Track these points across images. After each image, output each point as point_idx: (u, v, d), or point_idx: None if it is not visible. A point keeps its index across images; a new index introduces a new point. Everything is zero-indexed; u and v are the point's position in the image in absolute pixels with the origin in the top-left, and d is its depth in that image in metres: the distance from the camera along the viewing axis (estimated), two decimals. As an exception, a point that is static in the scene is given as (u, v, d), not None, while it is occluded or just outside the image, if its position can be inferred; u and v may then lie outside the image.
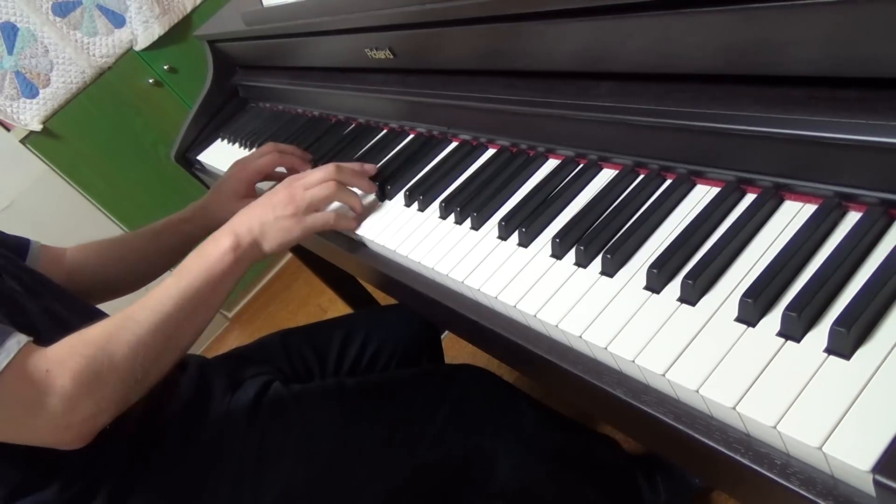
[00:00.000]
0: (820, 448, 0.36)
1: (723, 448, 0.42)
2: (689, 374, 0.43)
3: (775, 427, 0.38)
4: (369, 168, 0.83)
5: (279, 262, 2.65)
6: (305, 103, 1.19)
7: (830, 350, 0.40)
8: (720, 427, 0.43)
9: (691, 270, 0.49)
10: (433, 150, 0.84)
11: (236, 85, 1.40)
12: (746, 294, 0.44)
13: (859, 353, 0.39)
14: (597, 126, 0.63)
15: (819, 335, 0.41)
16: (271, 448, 0.75)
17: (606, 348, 0.48)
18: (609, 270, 0.54)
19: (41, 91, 2.06)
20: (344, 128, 1.04)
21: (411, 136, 0.90)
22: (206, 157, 1.34)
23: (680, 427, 0.44)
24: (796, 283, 0.45)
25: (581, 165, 0.67)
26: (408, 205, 0.78)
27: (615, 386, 0.49)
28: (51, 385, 0.57)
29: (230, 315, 2.60)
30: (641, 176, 0.61)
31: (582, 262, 0.56)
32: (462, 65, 0.79)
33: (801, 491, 0.38)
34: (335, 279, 1.56)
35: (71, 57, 2.07)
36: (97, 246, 0.94)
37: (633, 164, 0.62)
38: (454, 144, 0.82)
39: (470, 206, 0.70)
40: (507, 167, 0.72)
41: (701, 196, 0.56)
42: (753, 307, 0.44)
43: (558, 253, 0.59)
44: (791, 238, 0.47)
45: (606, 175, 0.64)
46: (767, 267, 0.46)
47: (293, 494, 0.74)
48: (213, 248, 0.70)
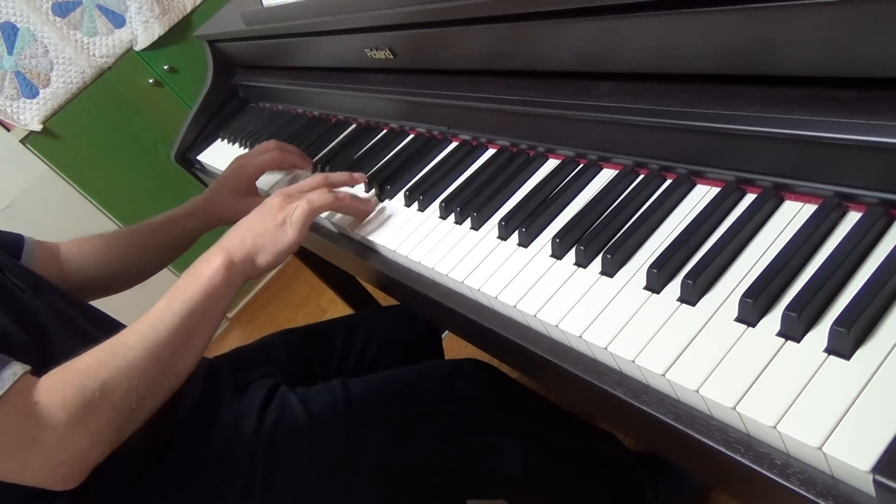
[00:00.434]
0: (820, 448, 0.36)
1: (723, 448, 0.42)
2: (689, 374, 0.43)
3: (775, 427, 0.38)
4: (359, 177, 0.83)
5: (279, 262, 2.64)
6: (305, 103, 1.19)
7: (830, 350, 0.40)
8: (720, 427, 0.43)
9: (691, 270, 0.49)
10: (433, 150, 0.84)
11: (236, 85, 1.40)
12: (746, 294, 0.44)
13: (859, 353, 0.39)
14: (597, 126, 0.63)
15: (819, 335, 0.41)
16: (280, 453, 0.74)
17: (606, 348, 0.48)
18: (609, 270, 0.54)
19: (41, 91, 2.06)
20: (344, 128, 1.04)
21: (411, 136, 0.90)
22: (206, 157, 1.34)
23: (680, 427, 0.44)
24: (796, 283, 0.45)
25: (581, 165, 0.67)
26: (408, 205, 0.78)
27: (615, 386, 0.49)
28: (42, 418, 0.54)
29: (230, 315, 2.61)
30: (641, 176, 0.61)
31: (582, 262, 0.56)
32: (462, 65, 0.79)
33: (801, 491, 0.38)
34: (335, 279, 1.56)
35: (71, 57, 2.07)
36: (94, 241, 0.93)
37: (633, 164, 0.62)
38: (454, 144, 0.82)
39: (470, 206, 0.70)
40: (507, 167, 0.72)
41: (701, 196, 0.56)
42: (753, 307, 0.44)
43: (558, 253, 0.59)
44: (791, 238, 0.47)
45: (606, 175, 0.64)
46: (767, 267, 0.46)
47: (303, 498, 0.74)
48: (205, 268, 0.68)
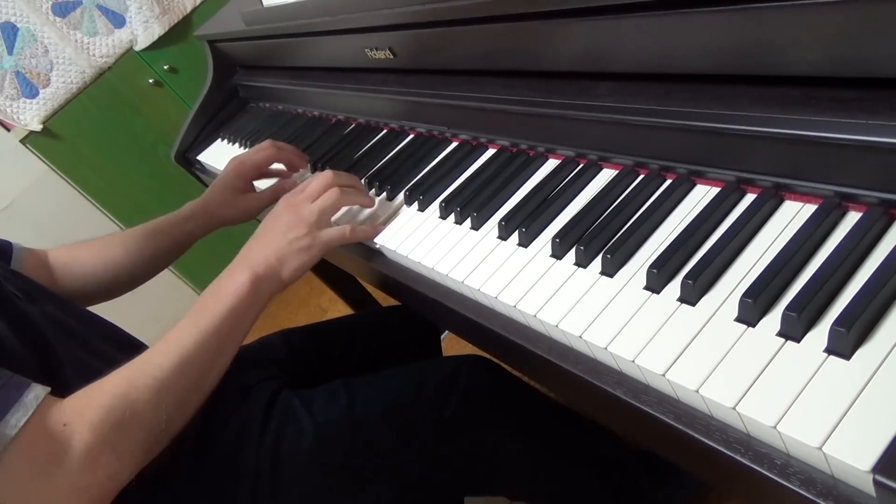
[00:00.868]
0: (820, 448, 0.36)
1: (723, 448, 0.42)
2: (689, 374, 0.43)
3: (775, 427, 0.38)
4: (367, 200, 0.81)
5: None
6: (305, 103, 1.19)
7: (830, 350, 0.40)
8: (720, 427, 0.43)
9: (691, 270, 0.49)
10: (433, 150, 0.84)
11: (236, 85, 1.40)
12: (746, 294, 0.44)
13: (859, 353, 0.39)
14: (597, 126, 0.63)
15: (819, 335, 0.41)
16: (285, 458, 0.74)
17: (606, 348, 0.48)
18: (609, 270, 0.54)
19: (41, 91, 2.06)
20: (344, 128, 1.04)
21: (411, 136, 0.90)
22: (206, 157, 1.34)
23: (680, 427, 0.44)
24: (796, 283, 0.45)
25: (581, 165, 0.67)
26: (408, 205, 0.78)
27: (615, 386, 0.49)
28: (69, 440, 0.52)
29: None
30: (641, 176, 0.61)
31: (582, 262, 0.56)
32: (462, 65, 0.79)
33: (801, 491, 0.38)
34: (335, 279, 1.56)
35: (71, 57, 2.07)
36: (88, 248, 0.91)
37: (633, 164, 0.62)
38: (454, 144, 0.82)
39: (470, 206, 0.70)
40: (507, 167, 0.72)
41: (701, 196, 0.56)
42: (753, 307, 0.44)
43: (558, 253, 0.59)
44: (791, 238, 0.47)
45: (606, 175, 0.64)
46: (767, 267, 0.46)
47: (308, 501, 0.74)
48: (229, 285, 0.67)
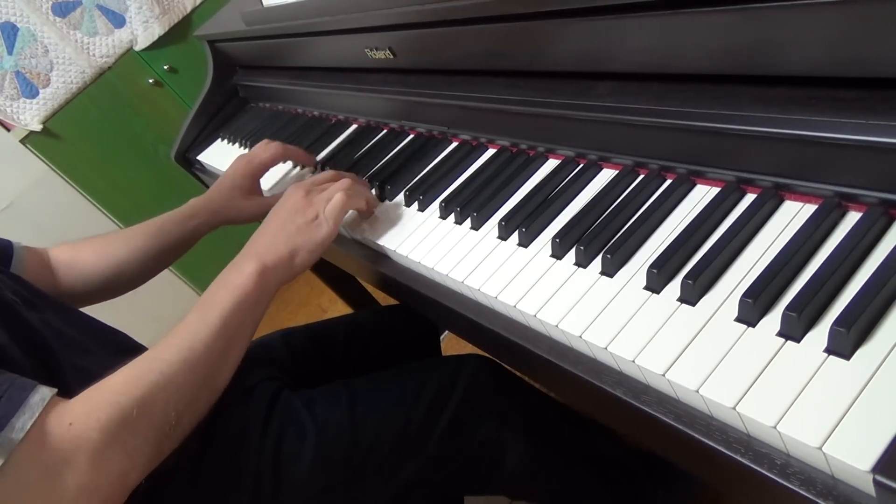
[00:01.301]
0: (820, 448, 0.36)
1: (723, 448, 0.42)
2: (689, 375, 0.43)
3: (775, 427, 0.38)
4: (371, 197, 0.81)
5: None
6: (305, 103, 1.19)
7: (830, 350, 0.40)
8: (720, 427, 0.43)
9: (691, 270, 0.49)
10: (433, 150, 0.84)
11: (236, 85, 1.40)
12: (746, 294, 0.44)
13: (859, 353, 0.39)
14: (597, 126, 0.63)
15: (819, 335, 0.41)
16: (287, 458, 0.74)
17: (606, 348, 0.48)
18: (609, 270, 0.54)
19: (41, 91, 2.06)
20: (344, 128, 1.04)
21: (411, 136, 0.90)
22: (206, 157, 1.34)
23: (680, 427, 0.44)
24: (796, 283, 0.45)
25: (581, 165, 0.67)
26: (408, 205, 0.78)
27: (615, 386, 0.49)
28: (76, 441, 0.51)
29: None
30: (641, 176, 0.61)
31: (582, 262, 0.56)
32: (462, 65, 0.79)
33: (801, 491, 0.38)
34: (335, 279, 1.56)
35: (71, 57, 2.07)
36: (90, 247, 0.90)
37: (633, 164, 0.62)
38: (454, 144, 0.82)
39: (470, 206, 0.70)
40: (507, 167, 0.72)
41: (701, 196, 0.56)
42: (753, 307, 0.44)
43: (558, 253, 0.59)
44: (791, 238, 0.47)
45: (606, 175, 0.64)
46: (767, 267, 0.46)
47: (310, 502, 0.74)
48: (237, 276, 0.65)
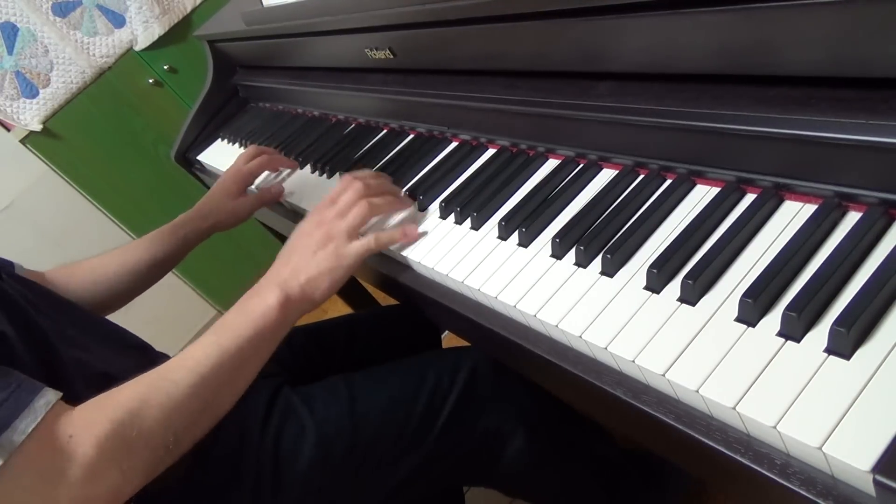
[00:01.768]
0: (820, 448, 0.36)
1: (723, 448, 0.42)
2: (689, 375, 0.43)
3: (775, 427, 0.38)
4: (406, 200, 0.78)
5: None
6: (305, 103, 1.19)
7: (830, 350, 0.40)
8: (720, 427, 0.43)
9: (691, 270, 0.49)
10: (433, 150, 0.84)
11: (236, 85, 1.40)
12: (746, 294, 0.44)
13: (859, 353, 0.39)
14: (597, 126, 0.63)
15: (819, 335, 0.41)
16: (287, 455, 0.74)
17: (606, 348, 0.48)
18: (609, 270, 0.54)
19: (41, 91, 2.05)
20: (344, 128, 1.04)
21: (411, 136, 0.90)
22: (206, 157, 1.34)
23: (680, 427, 0.44)
24: (796, 283, 0.45)
25: (581, 165, 0.67)
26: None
27: (615, 386, 0.49)
28: (73, 453, 0.51)
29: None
30: (641, 176, 0.61)
31: (582, 262, 0.56)
32: (462, 65, 0.79)
33: (801, 491, 0.38)
34: (335, 279, 1.56)
35: (71, 57, 2.07)
36: (85, 266, 0.92)
37: (633, 164, 0.62)
38: (454, 144, 0.82)
39: (470, 206, 0.70)
40: (507, 167, 0.72)
41: (701, 196, 0.56)
42: (753, 307, 0.44)
43: (558, 253, 0.59)
44: (791, 238, 0.47)
45: (606, 175, 0.64)
46: (767, 267, 0.46)
47: (311, 499, 0.74)
48: (258, 304, 0.64)
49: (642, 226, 0.55)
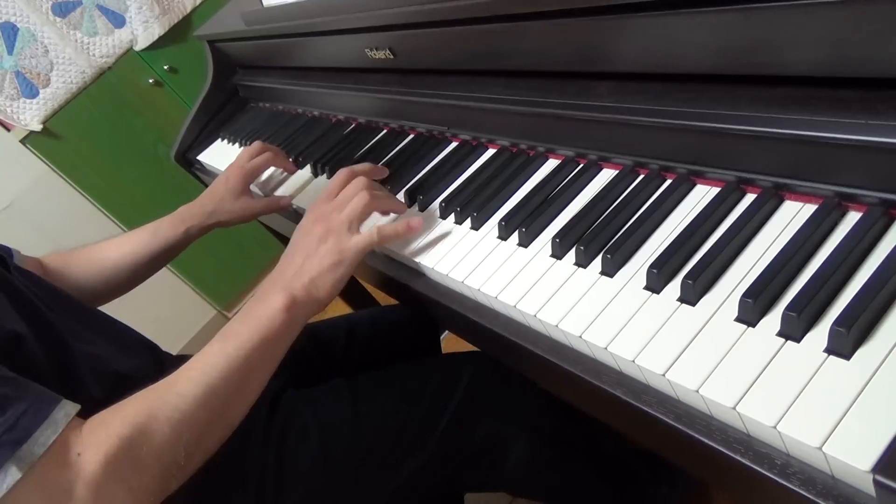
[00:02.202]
0: (820, 448, 0.36)
1: (723, 448, 0.42)
2: (690, 374, 0.43)
3: (775, 427, 0.38)
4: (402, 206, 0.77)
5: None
6: (305, 103, 1.19)
7: (830, 350, 0.40)
8: (720, 427, 0.43)
9: (691, 270, 0.49)
10: (433, 150, 0.84)
11: (236, 85, 1.40)
12: (746, 294, 0.44)
13: (859, 353, 0.39)
14: (597, 126, 0.63)
15: (819, 335, 0.41)
16: (290, 456, 0.74)
17: (606, 348, 0.48)
18: (609, 270, 0.54)
19: (41, 91, 2.05)
20: (344, 128, 1.04)
21: (411, 136, 0.90)
22: (206, 157, 1.34)
23: (680, 427, 0.44)
24: (796, 283, 0.45)
25: (581, 165, 0.67)
26: (408, 205, 0.78)
27: (615, 386, 0.49)
28: (80, 472, 0.50)
29: (230, 315, 2.61)
30: (641, 176, 0.61)
31: (582, 262, 0.56)
32: (462, 65, 0.79)
33: (801, 491, 0.38)
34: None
35: (71, 57, 2.07)
36: (82, 253, 0.91)
37: (633, 164, 0.62)
38: (454, 144, 0.82)
39: (470, 206, 0.70)
40: (507, 167, 0.72)
41: (701, 196, 0.56)
42: (753, 307, 0.44)
43: (558, 253, 0.59)
44: (791, 238, 0.47)
45: (606, 175, 0.64)
46: (767, 267, 0.46)
47: (313, 500, 0.74)
48: (263, 309, 0.63)
49: (642, 226, 0.55)
